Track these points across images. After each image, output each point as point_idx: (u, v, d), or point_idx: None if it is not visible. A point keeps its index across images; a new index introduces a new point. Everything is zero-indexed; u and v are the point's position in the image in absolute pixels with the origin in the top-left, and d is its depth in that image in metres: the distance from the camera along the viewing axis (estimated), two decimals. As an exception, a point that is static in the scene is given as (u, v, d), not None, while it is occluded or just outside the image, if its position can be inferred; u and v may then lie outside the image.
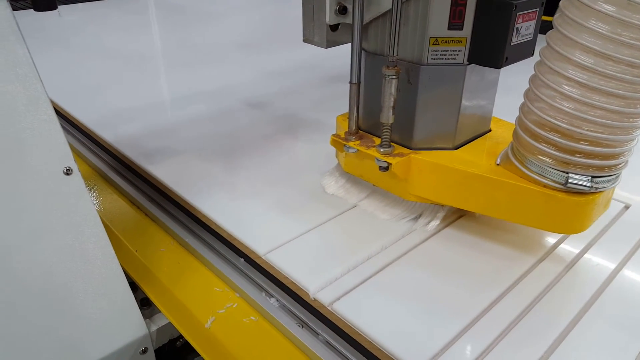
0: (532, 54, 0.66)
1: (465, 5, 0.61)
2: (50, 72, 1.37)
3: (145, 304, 0.72)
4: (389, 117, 0.66)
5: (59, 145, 0.55)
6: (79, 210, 0.59)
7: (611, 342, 0.57)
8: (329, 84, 1.33)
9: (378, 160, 0.69)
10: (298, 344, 0.62)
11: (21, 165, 0.53)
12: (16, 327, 0.58)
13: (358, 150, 0.72)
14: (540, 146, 0.60)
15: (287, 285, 0.64)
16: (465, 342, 0.56)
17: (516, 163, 0.63)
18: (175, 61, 1.54)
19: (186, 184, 0.83)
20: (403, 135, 0.70)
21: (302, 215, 0.75)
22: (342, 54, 0.77)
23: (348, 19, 0.69)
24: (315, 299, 0.61)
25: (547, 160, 0.60)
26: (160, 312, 0.70)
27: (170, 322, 0.69)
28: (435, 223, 0.73)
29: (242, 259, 0.72)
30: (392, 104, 0.66)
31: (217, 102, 1.19)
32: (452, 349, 0.55)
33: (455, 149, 0.70)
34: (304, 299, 0.63)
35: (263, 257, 0.67)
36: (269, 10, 2.25)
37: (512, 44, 0.61)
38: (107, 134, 1.02)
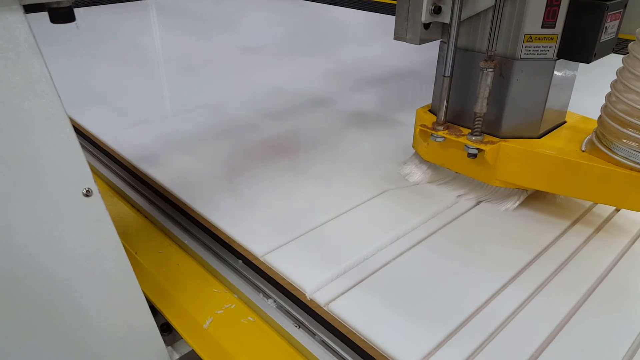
0: (612, 51, 0.73)
1: (559, 6, 0.68)
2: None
3: (166, 330, 0.70)
4: (483, 107, 0.73)
5: (78, 165, 0.51)
6: (99, 235, 0.55)
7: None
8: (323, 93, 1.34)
9: (469, 147, 0.75)
10: (295, 344, 0.63)
11: (38, 186, 0.50)
12: (34, 357, 0.55)
13: (446, 138, 0.78)
14: (628, 132, 0.67)
15: (284, 286, 0.66)
16: (458, 341, 0.57)
17: (602, 148, 0.70)
18: (176, 65, 1.57)
19: (185, 187, 0.84)
20: (491, 125, 0.76)
21: (301, 217, 0.77)
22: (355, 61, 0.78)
23: (440, 18, 0.76)
24: (311, 300, 0.62)
25: (634, 144, 0.67)
26: (181, 338, 0.69)
27: (193, 350, 0.67)
28: (515, 205, 0.79)
29: (240, 261, 0.73)
30: (487, 95, 0.72)
31: (218, 110, 1.20)
32: (445, 346, 0.56)
33: (540, 138, 0.76)
34: (301, 299, 0.64)
35: (261, 259, 0.68)
36: (276, 17, 2.31)
37: (601, 41, 0.68)
38: (107, 137, 1.03)
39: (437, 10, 0.75)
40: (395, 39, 0.80)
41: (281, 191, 0.84)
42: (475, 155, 0.76)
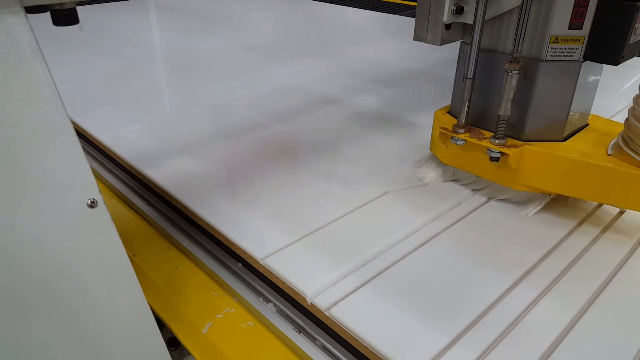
0: (640, 52, 0.71)
1: (587, 6, 0.66)
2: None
3: (173, 345, 0.68)
4: (507, 109, 0.71)
5: (82, 175, 0.49)
6: (104, 248, 0.52)
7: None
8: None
9: (491, 151, 0.74)
10: (295, 349, 0.62)
11: (40, 197, 0.47)
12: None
13: (467, 141, 0.77)
14: (656, 136, 0.65)
15: (285, 290, 0.65)
16: (462, 347, 0.56)
17: (630, 152, 0.68)
18: (177, 65, 1.56)
19: (183, 188, 0.83)
20: (513, 128, 0.75)
21: (301, 219, 0.75)
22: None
23: (462, 19, 0.74)
24: (312, 304, 0.61)
25: (663, 149, 0.65)
26: (189, 354, 0.66)
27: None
28: (536, 209, 0.78)
29: (239, 264, 0.72)
30: (511, 97, 0.70)
31: (219, 111, 1.18)
32: (452, 350, 0.55)
33: (564, 141, 0.75)
34: (302, 304, 0.63)
35: (261, 262, 0.67)
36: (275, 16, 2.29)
37: (629, 42, 0.66)
38: (104, 136, 1.01)
39: (459, 10, 0.73)
40: (415, 39, 0.79)
41: (282, 193, 0.83)
42: (498, 159, 0.74)
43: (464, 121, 0.77)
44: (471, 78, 0.73)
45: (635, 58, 0.71)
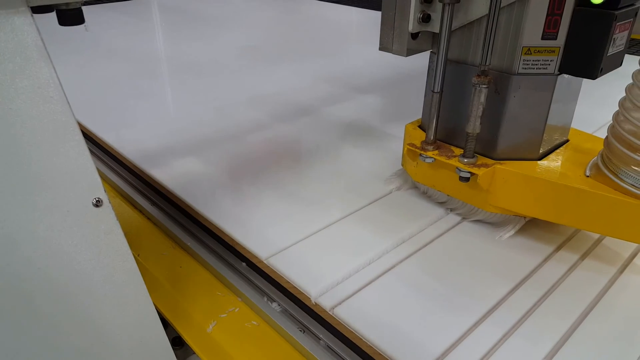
0: (621, 64, 0.65)
1: (561, 15, 0.60)
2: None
3: (177, 344, 0.68)
4: (476, 126, 0.66)
5: (88, 174, 0.49)
6: (110, 247, 0.52)
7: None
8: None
9: (461, 170, 0.68)
10: (299, 349, 0.62)
11: (46, 197, 0.48)
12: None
13: (436, 160, 0.71)
14: (636, 157, 0.59)
15: (289, 289, 0.64)
16: (467, 344, 0.55)
17: (608, 174, 0.62)
18: (178, 66, 1.54)
19: (188, 188, 0.83)
20: (485, 145, 0.69)
21: (305, 219, 0.75)
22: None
23: (430, 27, 0.69)
24: (316, 304, 0.61)
25: (644, 171, 0.60)
26: (194, 353, 0.66)
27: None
28: (510, 233, 0.72)
29: (243, 263, 0.72)
30: (480, 114, 0.65)
31: (220, 112, 1.17)
32: (455, 351, 0.55)
33: (539, 160, 0.69)
34: (306, 303, 0.62)
35: (265, 262, 0.67)
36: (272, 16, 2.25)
37: (608, 54, 0.61)
38: (108, 136, 1.01)
39: (425, 18, 0.68)
40: (380, 49, 0.73)
41: (285, 194, 0.82)
42: (467, 179, 0.68)
43: (432, 137, 0.72)
44: (438, 92, 0.68)
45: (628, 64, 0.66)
